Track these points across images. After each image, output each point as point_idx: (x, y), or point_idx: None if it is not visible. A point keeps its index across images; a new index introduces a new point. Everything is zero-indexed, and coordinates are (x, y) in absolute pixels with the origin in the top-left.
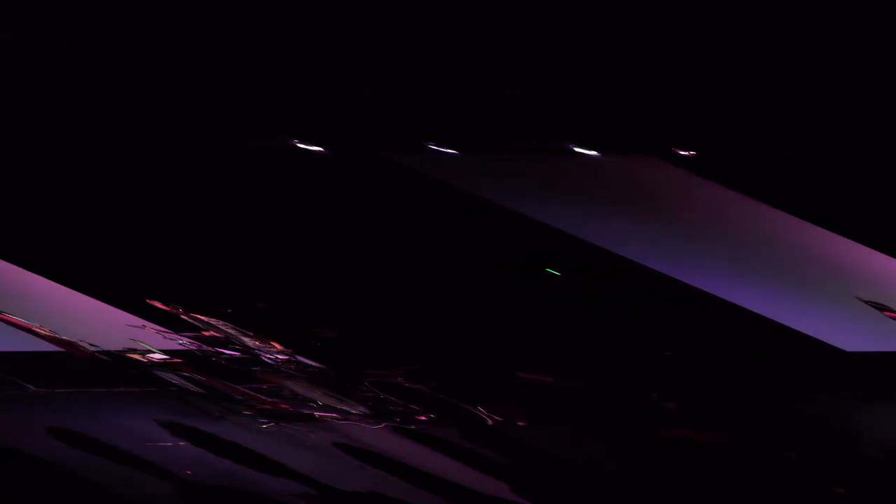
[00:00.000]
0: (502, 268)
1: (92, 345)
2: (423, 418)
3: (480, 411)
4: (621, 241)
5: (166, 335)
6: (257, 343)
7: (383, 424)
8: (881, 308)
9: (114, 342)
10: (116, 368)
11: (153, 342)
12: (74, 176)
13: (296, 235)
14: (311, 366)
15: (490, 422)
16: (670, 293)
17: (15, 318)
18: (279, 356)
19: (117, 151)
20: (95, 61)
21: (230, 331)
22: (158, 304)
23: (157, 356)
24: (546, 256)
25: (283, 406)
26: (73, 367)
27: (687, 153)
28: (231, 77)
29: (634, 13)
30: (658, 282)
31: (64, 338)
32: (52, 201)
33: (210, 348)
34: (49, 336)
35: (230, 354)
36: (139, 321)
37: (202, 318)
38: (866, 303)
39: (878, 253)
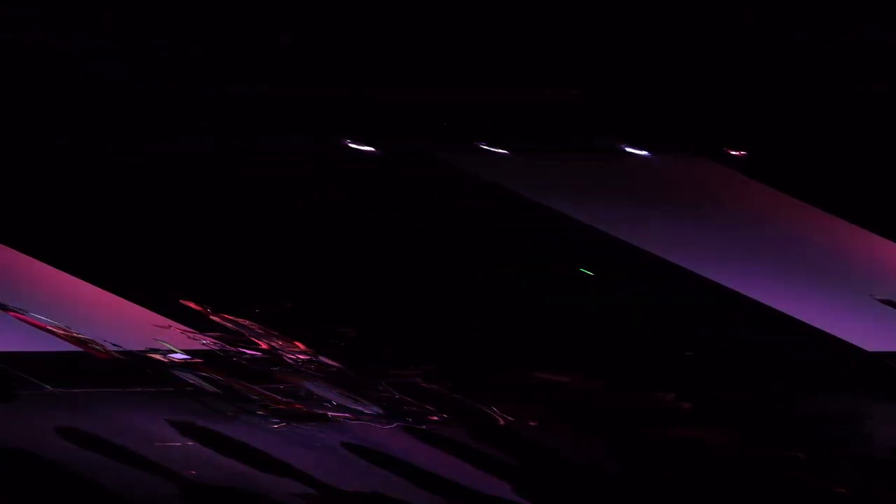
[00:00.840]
0: (540, 268)
1: (114, 344)
2: (435, 418)
3: (494, 411)
4: (663, 241)
5: (191, 335)
6: (280, 343)
7: (395, 424)
8: None
9: (139, 342)
10: (133, 368)
11: (177, 342)
12: (101, 176)
13: (334, 235)
14: (331, 366)
15: (502, 422)
16: (707, 294)
17: (34, 319)
18: (300, 356)
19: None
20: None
21: (255, 330)
22: (190, 304)
23: (178, 356)
24: (585, 257)
25: (298, 406)
26: (89, 366)
27: (738, 153)
28: (257, 76)
29: (688, 13)
30: (694, 282)
31: (81, 337)
32: (83, 200)
33: (232, 348)
34: (67, 336)
35: (252, 354)
36: (165, 321)
37: (228, 317)
38: (884, 302)
39: None
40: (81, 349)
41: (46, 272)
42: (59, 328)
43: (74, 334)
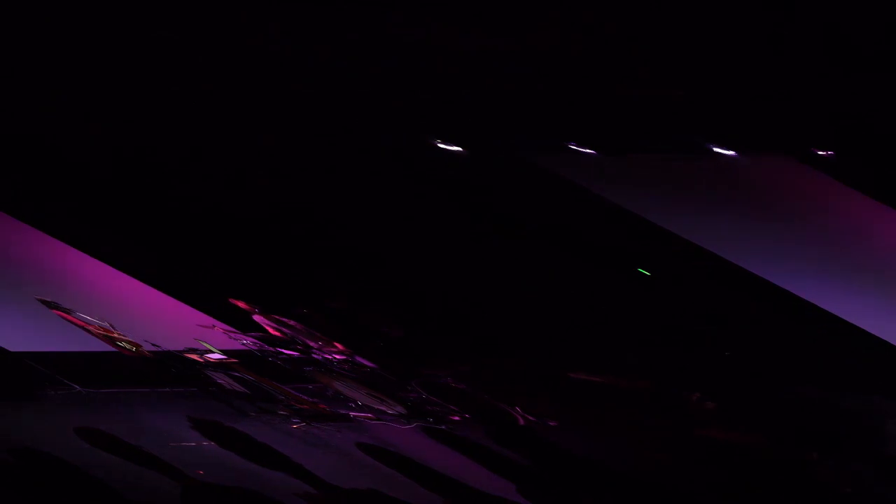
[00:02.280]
0: (604, 268)
1: (154, 344)
2: (456, 418)
3: (516, 411)
4: (730, 243)
5: (233, 335)
6: (320, 343)
7: (414, 424)
8: None
9: (181, 341)
10: (165, 369)
11: (219, 342)
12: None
13: (403, 233)
14: (366, 366)
15: (522, 421)
16: (770, 298)
17: (78, 319)
18: (337, 356)
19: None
20: None
21: (298, 331)
22: (239, 304)
23: (215, 356)
24: (653, 257)
25: (322, 406)
26: (122, 367)
27: (825, 153)
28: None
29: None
30: (759, 286)
31: (120, 336)
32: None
33: (271, 348)
34: (106, 335)
35: (289, 355)
36: (210, 321)
37: (274, 317)
38: None
39: None
40: (117, 349)
41: (102, 270)
42: (100, 328)
43: (114, 334)
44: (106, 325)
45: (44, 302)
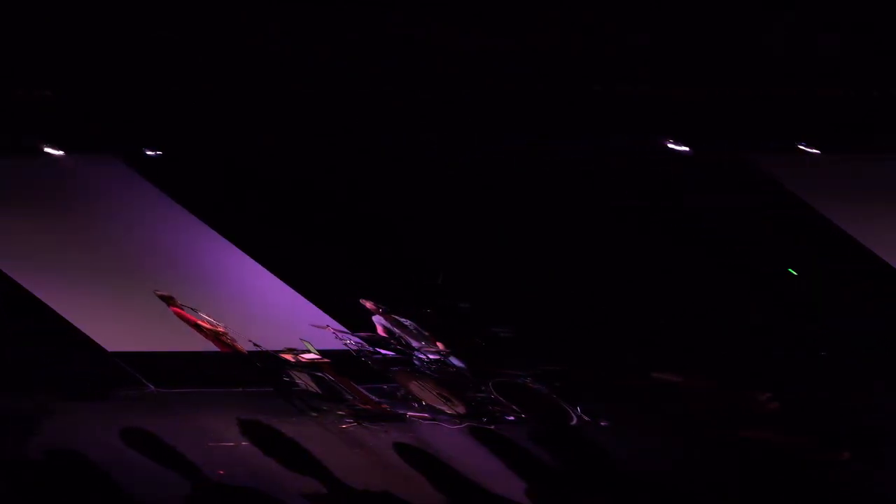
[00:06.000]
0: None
1: (256, 344)
2: (511, 418)
3: (575, 412)
4: None
5: (341, 335)
6: (422, 343)
7: (465, 424)
8: None
9: (286, 341)
10: (247, 369)
11: (327, 342)
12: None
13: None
14: (453, 365)
15: (574, 421)
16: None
17: (191, 314)
18: (431, 356)
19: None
20: None
21: (409, 331)
22: (366, 304)
23: (310, 356)
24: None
25: (384, 406)
26: (201, 367)
27: None
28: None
29: None
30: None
31: (225, 335)
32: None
33: (369, 348)
34: (212, 332)
35: (384, 354)
36: (326, 321)
37: (394, 317)
38: None
39: None
40: (221, 349)
41: (241, 262)
42: (213, 325)
43: (220, 330)
44: (221, 324)
45: (161, 297)
